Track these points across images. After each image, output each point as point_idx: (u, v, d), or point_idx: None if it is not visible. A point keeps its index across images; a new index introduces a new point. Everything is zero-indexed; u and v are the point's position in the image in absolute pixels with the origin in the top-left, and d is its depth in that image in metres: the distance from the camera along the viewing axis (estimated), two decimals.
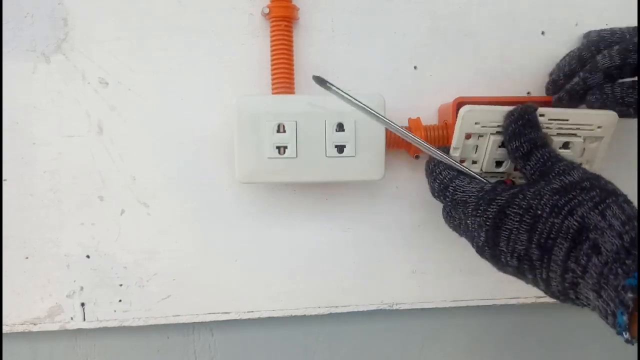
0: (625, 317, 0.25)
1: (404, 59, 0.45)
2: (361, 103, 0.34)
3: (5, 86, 0.42)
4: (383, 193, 0.46)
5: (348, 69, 0.44)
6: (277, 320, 0.48)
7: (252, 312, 0.46)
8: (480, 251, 0.34)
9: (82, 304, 0.45)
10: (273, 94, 0.42)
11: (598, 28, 0.45)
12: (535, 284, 0.32)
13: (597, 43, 0.39)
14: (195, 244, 0.45)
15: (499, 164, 0.39)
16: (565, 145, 0.38)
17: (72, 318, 0.45)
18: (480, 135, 0.37)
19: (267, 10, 0.41)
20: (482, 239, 0.33)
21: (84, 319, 0.45)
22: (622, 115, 0.38)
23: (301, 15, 0.43)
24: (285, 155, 0.40)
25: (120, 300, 0.45)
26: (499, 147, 0.37)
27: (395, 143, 0.42)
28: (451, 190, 0.36)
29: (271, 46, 0.42)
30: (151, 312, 0.46)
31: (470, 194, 0.34)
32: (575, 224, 0.29)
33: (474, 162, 0.39)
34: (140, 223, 0.44)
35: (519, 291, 0.48)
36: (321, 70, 0.44)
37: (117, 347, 0.48)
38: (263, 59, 0.43)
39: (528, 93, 0.46)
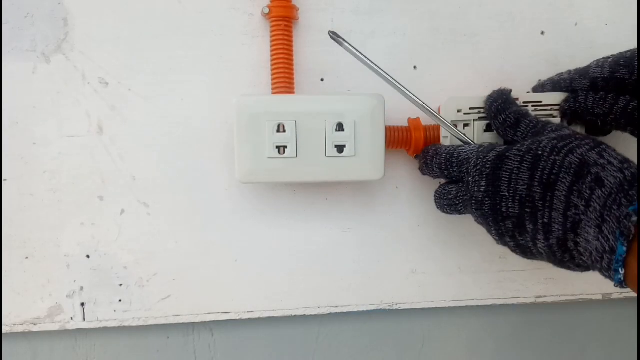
0: (624, 248, 0.25)
1: (404, 59, 0.45)
2: (375, 64, 0.37)
3: (5, 86, 0.42)
4: (383, 193, 0.46)
5: (348, 69, 0.44)
6: (277, 320, 0.48)
7: (252, 312, 0.46)
8: (480, 206, 0.34)
9: (82, 304, 0.45)
10: (273, 94, 0.42)
11: (598, 28, 0.45)
12: (534, 239, 0.31)
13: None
14: (195, 244, 0.45)
15: None
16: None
17: (72, 318, 0.45)
18: (466, 124, 0.40)
19: (267, 10, 0.41)
20: (482, 188, 0.33)
21: (84, 319, 0.45)
22: (589, 126, 0.39)
23: (301, 15, 0.43)
24: (285, 155, 0.40)
25: (120, 300, 0.45)
26: (485, 131, 0.40)
27: (395, 143, 0.42)
28: (455, 155, 0.37)
29: (271, 46, 0.42)
30: (151, 312, 0.46)
31: (472, 151, 0.36)
32: (577, 160, 0.29)
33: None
34: (140, 223, 0.44)
35: (519, 291, 0.48)
36: (321, 70, 0.44)
37: (117, 347, 0.48)
38: (263, 59, 0.43)
39: (528, 93, 0.46)
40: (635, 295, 0.49)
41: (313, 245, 0.46)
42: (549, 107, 0.39)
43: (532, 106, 0.39)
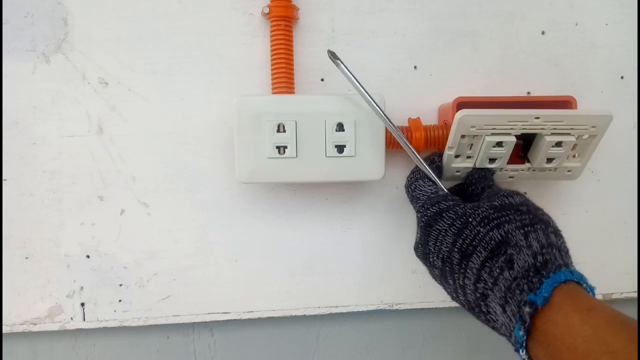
0: (522, 332, 0.26)
1: (404, 59, 0.45)
2: (365, 90, 0.36)
3: (5, 86, 0.42)
4: (383, 193, 0.46)
5: (348, 68, 0.44)
6: (277, 320, 0.48)
7: (252, 312, 0.46)
8: (415, 247, 0.37)
9: (82, 304, 0.45)
10: (273, 94, 0.42)
11: (598, 28, 0.45)
12: (455, 291, 0.33)
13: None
14: (195, 244, 0.45)
15: (492, 161, 0.39)
16: (558, 144, 0.38)
17: (72, 318, 0.45)
18: (475, 136, 0.38)
19: (267, 10, 0.41)
20: (418, 235, 0.36)
21: (84, 319, 0.45)
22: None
23: (301, 15, 0.43)
24: (285, 155, 0.40)
25: (120, 300, 0.45)
26: (495, 147, 0.38)
27: (395, 143, 0.42)
28: (413, 187, 0.39)
29: (271, 46, 0.42)
30: (151, 312, 0.46)
31: (424, 193, 0.37)
32: (498, 237, 0.30)
33: (469, 157, 0.40)
34: (140, 223, 0.44)
35: None
36: (321, 70, 0.44)
37: (117, 347, 0.48)
38: (263, 59, 0.43)
39: (528, 93, 0.46)
40: (635, 295, 0.50)
41: (313, 245, 0.46)
42: (568, 127, 0.37)
43: (552, 125, 0.37)
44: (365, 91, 0.37)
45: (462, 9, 0.45)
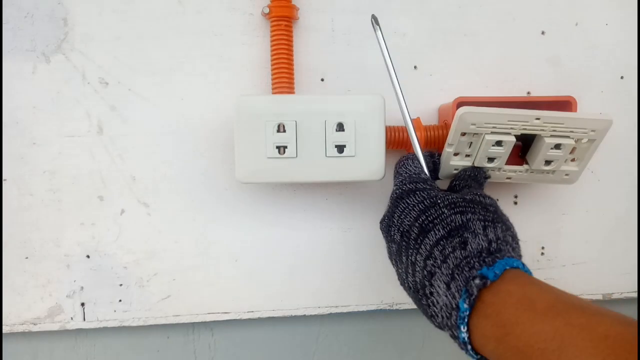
0: (465, 305, 0.26)
1: (404, 59, 0.45)
2: (392, 67, 0.38)
3: (5, 86, 0.42)
4: (383, 193, 0.46)
5: (348, 69, 0.44)
6: (277, 320, 0.48)
7: (252, 312, 0.46)
8: (382, 220, 0.37)
9: (82, 304, 0.45)
10: (273, 94, 0.42)
11: (598, 28, 0.45)
12: (406, 271, 0.33)
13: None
14: (195, 244, 0.45)
15: (491, 160, 0.39)
16: (557, 147, 0.38)
17: (72, 318, 0.45)
18: (475, 133, 0.38)
19: (267, 10, 0.41)
20: (388, 206, 0.37)
21: (84, 319, 0.45)
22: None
23: (301, 15, 0.43)
24: (285, 155, 0.40)
25: (120, 300, 0.45)
26: (494, 145, 0.38)
27: (395, 143, 0.42)
28: (400, 164, 0.39)
29: (271, 46, 0.42)
30: (151, 312, 0.46)
31: (407, 171, 0.38)
32: (459, 221, 0.31)
33: (468, 156, 0.39)
34: (140, 223, 0.44)
35: None
36: (321, 70, 0.44)
37: (117, 347, 0.48)
38: (263, 59, 0.43)
39: (528, 93, 0.46)
40: (635, 295, 0.49)
41: (313, 245, 0.46)
42: (568, 130, 0.37)
43: (552, 126, 0.37)
44: (392, 64, 0.38)
45: (462, 9, 0.45)
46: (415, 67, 0.45)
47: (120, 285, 0.45)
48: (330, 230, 0.46)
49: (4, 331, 0.45)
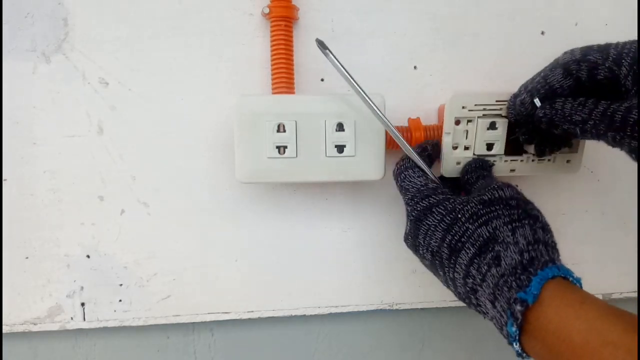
0: (514, 328, 0.27)
1: (404, 59, 0.45)
2: (353, 80, 0.36)
3: (5, 86, 0.42)
4: (383, 193, 0.46)
5: (348, 68, 0.44)
6: (277, 320, 0.48)
7: (252, 312, 0.46)
8: (405, 238, 0.37)
9: (82, 304, 0.45)
10: (273, 94, 0.42)
11: (598, 28, 0.45)
12: (446, 282, 0.34)
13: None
14: (195, 244, 0.45)
15: (489, 147, 0.40)
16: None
17: (72, 318, 0.45)
18: (469, 121, 0.39)
19: (267, 10, 0.41)
20: (407, 227, 0.36)
21: (84, 319, 0.45)
22: (566, 135, 0.35)
23: (301, 15, 0.43)
24: (285, 155, 0.40)
25: (120, 300, 0.45)
26: (488, 129, 0.39)
27: (395, 143, 0.42)
28: (402, 177, 0.38)
29: (271, 46, 0.42)
30: (151, 312, 0.46)
31: (414, 185, 0.37)
32: (486, 233, 0.31)
33: (467, 148, 0.40)
34: (140, 223, 0.44)
35: None
36: (321, 70, 0.44)
37: (117, 347, 0.48)
38: (263, 59, 0.43)
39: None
40: (635, 295, 0.50)
41: (313, 245, 0.46)
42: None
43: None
44: (356, 83, 0.36)
45: (462, 9, 0.45)
46: (415, 67, 0.45)
47: (120, 285, 0.45)
48: (330, 230, 0.46)
49: (4, 331, 0.45)
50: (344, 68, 0.36)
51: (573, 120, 0.32)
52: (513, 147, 0.40)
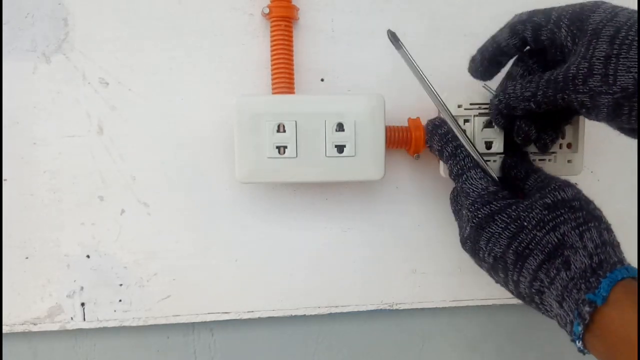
0: (580, 328, 0.28)
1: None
2: (424, 76, 0.37)
3: (5, 86, 0.42)
4: (383, 193, 0.46)
5: (348, 69, 0.44)
6: (277, 320, 0.48)
7: (252, 312, 0.46)
8: (463, 242, 0.37)
9: (82, 304, 0.45)
10: (273, 94, 0.42)
11: None
12: (506, 283, 0.34)
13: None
14: (195, 244, 0.45)
15: (488, 145, 0.40)
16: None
17: (72, 318, 0.45)
18: (467, 120, 0.40)
19: (267, 10, 0.41)
20: (466, 231, 0.35)
21: (84, 319, 0.45)
22: (534, 116, 0.36)
23: (301, 15, 0.43)
24: (285, 155, 0.40)
25: (120, 300, 0.45)
26: (485, 127, 0.40)
27: (395, 143, 0.42)
28: (464, 178, 0.37)
29: (271, 46, 0.42)
30: (151, 312, 0.46)
31: (475, 189, 0.36)
32: (555, 240, 0.31)
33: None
34: (140, 223, 0.44)
35: None
36: (321, 70, 0.44)
37: (117, 347, 0.48)
38: (263, 59, 0.43)
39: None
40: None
41: (313, 245, 0.46)
42: None
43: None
44: (424, 77, 0.37)
45: (462, 9, 0.45)
46: None
47: (120, 285, 0.45)
48: (330, 230, 0.46)
49: (4, 331, 0.45)
50: (416, 64, 0.36)
51: (525, 97, 0.34)
52: (513, 146, 0.40)
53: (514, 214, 0.33)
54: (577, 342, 0.29)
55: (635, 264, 0.50)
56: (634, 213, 0.49)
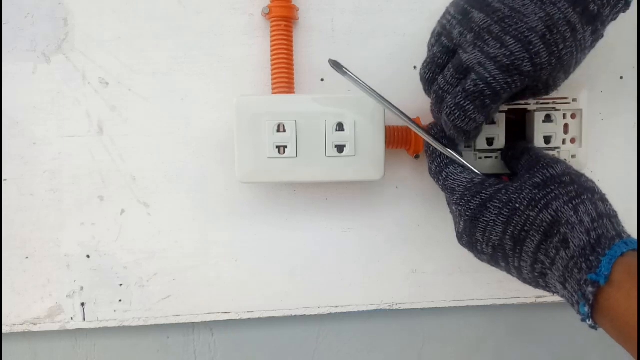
0: (586, 309, 0.27)
1: (404, 59, 0.45)
2: (375, 92, 0.36)
3: (5, 86, 0.42)
4: (383, 193, 0.46)
5: (348, 68, 0.44)
6: (277, 320, 0.48)
7: (252, 312, 0.46)
8: (459, 237, 0.36)
9: (82, 304, 0.45)
10: (273, 94, 0.42)
11: None
12: (508, 271, 0.34)
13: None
14: (195, 244, 0.45)
15: (490, 142, 0.40)
16: (548, 118, 0.40)
17: (72, 318, 0.45)
18: None
19: (267, 10, 0.41)
20: (461, 226, 0.35)
21: (84, 319, 0.45)
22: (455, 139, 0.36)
23: (301, 15, 0.43)
24: (285, 155, 0.40)
25: (120, 300, 0.45)
26: (488, 124, 0.40)
27: (395, 143, 0.42)
28: (444, 176, 0.37)
29: (271, 46, 0.42)
30: (151, 312, 0.46)
31: (460, 184, 0.35)
32: (549, 217, 0.30)
33: (468, 146, 0.40)
34: (140, 223, 0.44)
35: (519, 291, 0.48)
36: (321, 70, 0.44)
37: (117, 347, 0.48)
38: (263, 59, 0.43)
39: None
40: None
41: (313, 245, 0.46)
42: (551, 101, 0.40)
43: (536, 100, 0.40)
44: (382, 98, 0.36)
45: None
46: (415, 67, 0.45)
47: (120, 285, 0.45)
48: (330, 230, 0.46)
49: (4, 331, 0.45)
50: (364, 83, 0.36)
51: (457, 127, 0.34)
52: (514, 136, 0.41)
53: (505, 197, 0.32)
54: (587, 321, 0.28)
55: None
56: (634, 213, 0.49)
